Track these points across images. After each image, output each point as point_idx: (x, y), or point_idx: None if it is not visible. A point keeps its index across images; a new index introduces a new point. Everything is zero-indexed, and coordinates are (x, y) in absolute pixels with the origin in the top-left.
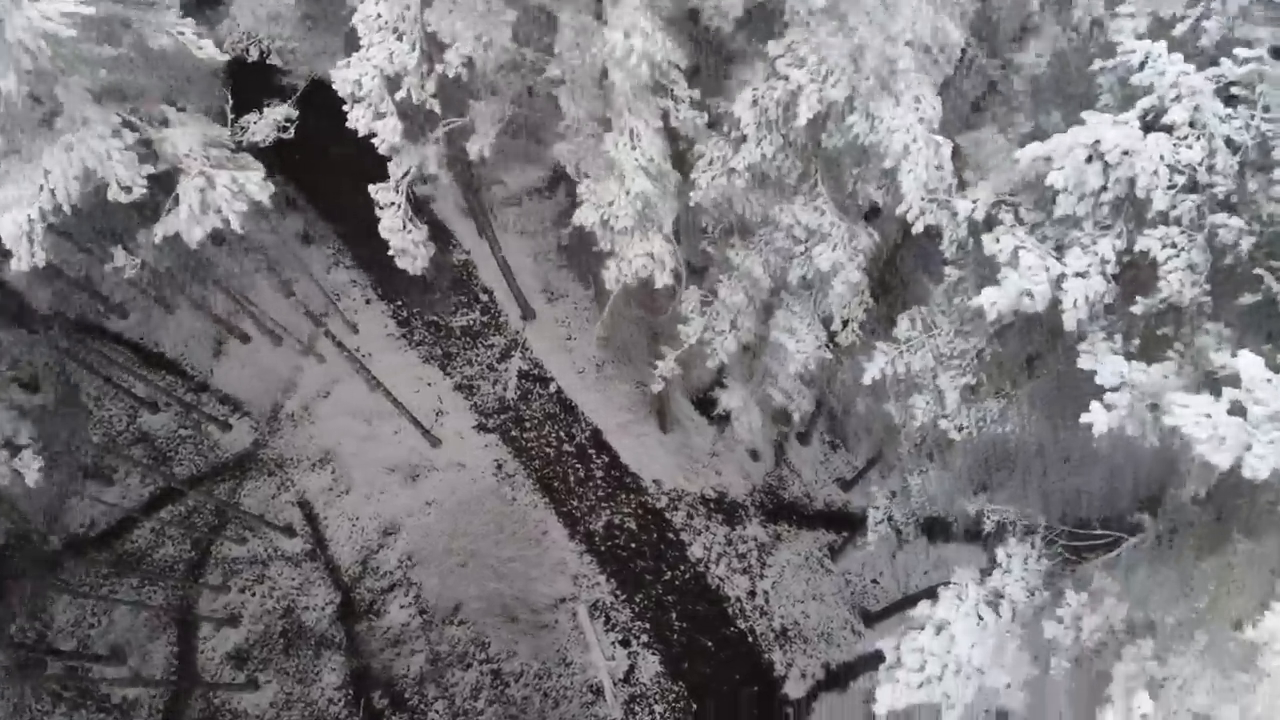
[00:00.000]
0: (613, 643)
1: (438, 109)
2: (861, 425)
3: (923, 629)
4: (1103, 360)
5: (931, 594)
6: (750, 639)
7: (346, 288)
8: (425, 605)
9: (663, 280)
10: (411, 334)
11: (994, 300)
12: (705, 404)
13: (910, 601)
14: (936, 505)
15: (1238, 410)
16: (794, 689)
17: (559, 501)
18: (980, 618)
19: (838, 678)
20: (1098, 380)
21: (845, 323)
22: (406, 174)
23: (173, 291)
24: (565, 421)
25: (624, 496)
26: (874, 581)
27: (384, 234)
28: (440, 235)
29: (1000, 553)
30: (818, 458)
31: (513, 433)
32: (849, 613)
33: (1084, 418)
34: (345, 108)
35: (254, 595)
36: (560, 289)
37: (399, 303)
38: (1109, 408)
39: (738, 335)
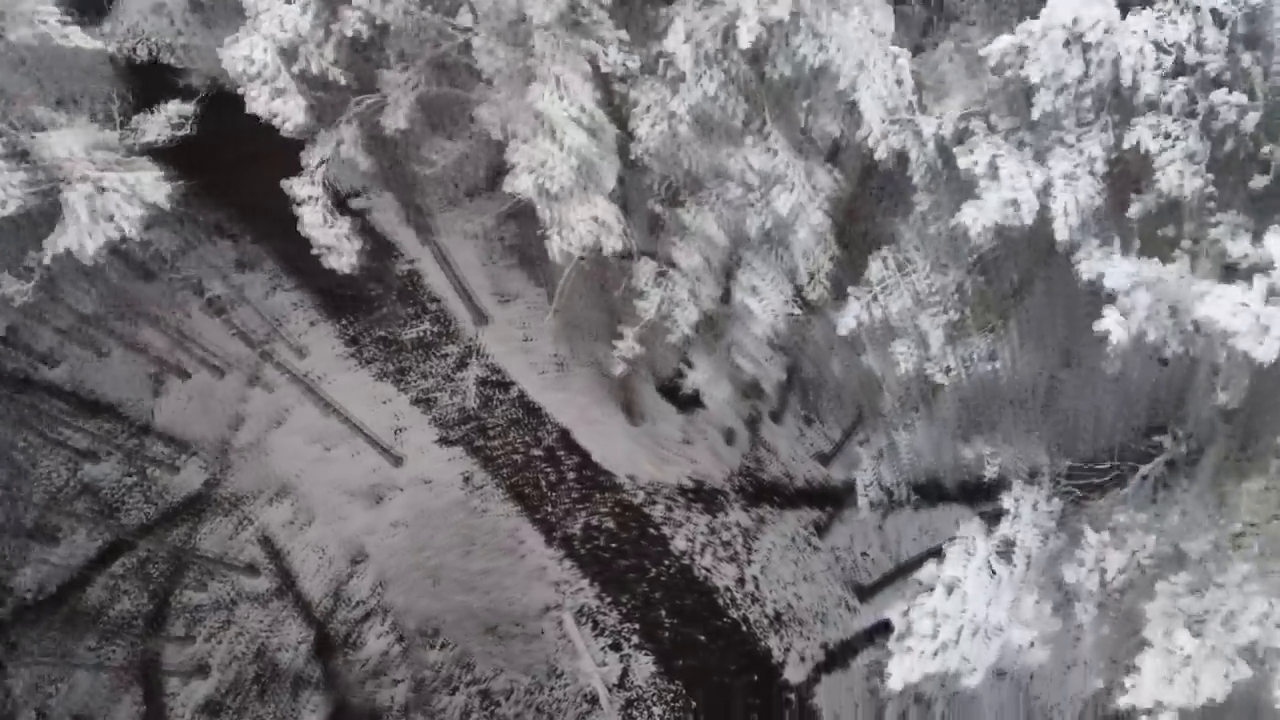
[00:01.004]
0: (603, 648)
1: (342, 79)
2: (836, 393)
3: (932, 591)
4: (1109, 264)
5: (931, 555)
6: (744, 628)
7: (289, 311)
8: (404, 631)
9: (610, 246)
10: (361, 352)
11: (976, 217)
12: (672, 393)
13: (903, 571)
14: (927, 460)
15: (1275, 298)
16: (794, 674)
17: (533, 508)
18: (993, 571)
19: (837, 657)
20: (1108, 285)
21: (812, 276)
22: (323, 162)
23: (103, 333)
24: (531, 425)
25: (599, 496)
26: (864, 554)
27: (306, 231)
28: (381, 247)
29: (1007, 499)
30: (793, 435)
31: (477, 443)
32: (842, 589)
33: (1099, 327)
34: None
35: (221, 642)
36: (512, 290)
37: (345, 321)
38: (1125, 313)
39: (698, 304)
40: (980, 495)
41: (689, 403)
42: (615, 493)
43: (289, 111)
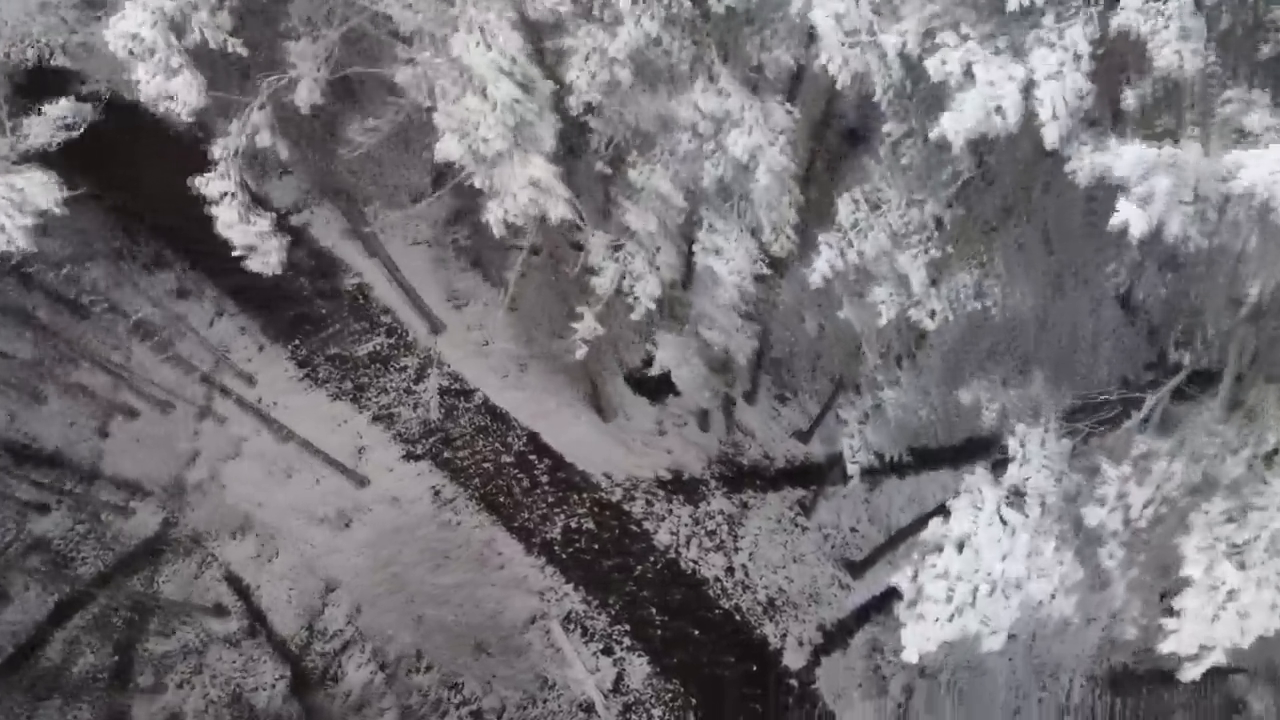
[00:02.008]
0: (594, 653)
1: (242, 50)
2: (811, 364)
3: (941, 551)
4: (1116, 154)
5: (929, 518)
6: (738, 617)
7: (235, 337)
8: (385, 658)
9: (555, 212)
10: (315, 373)
11: (956, 127)
12: (642, 384)
13: (895, 542)
14: (918, 416)
15: None
16: (793, 659)
17: (508, 517)
18: (1004, 522)
19: (835, 638)
20: (1118, 174)
21: (776, 229)
22: (236, 153)
23: (39, 378)
24: (498, 431)
25: (576, 497)
26: (853, 530)
27: (223, 231)
28: (326, 263)
29: (1011, 442)
30: (768, 414)
31: (444, 455)
32: (834, 568)
33: (1115, 220)
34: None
35: (194, 689)
36: (466, 293)
37: (295, 343)
38: (1143, 201)
39: (659, 275)
40: (971, 455)
41: (660, 390)
42: (592, 492)
43: (183, 92)
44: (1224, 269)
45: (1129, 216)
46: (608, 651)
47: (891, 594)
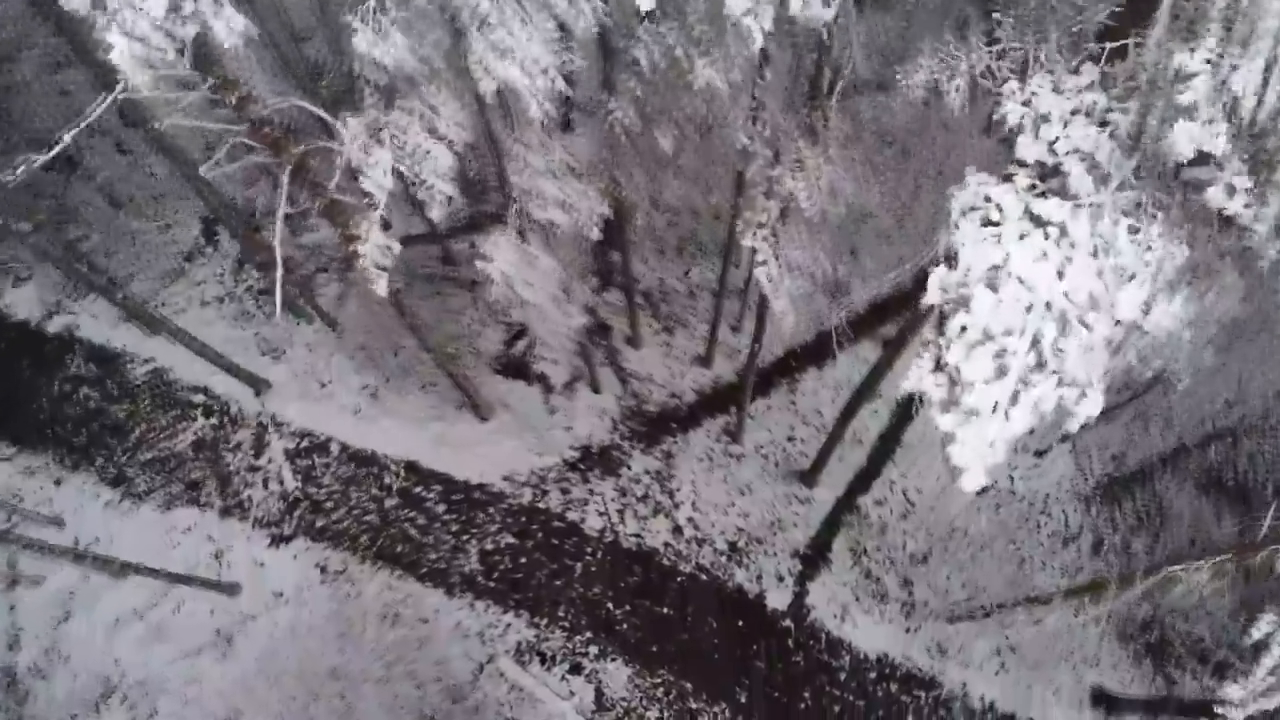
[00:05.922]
0: (561, 677)
1: None
2: (681, 269)
3: (966, 306)
4: None
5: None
6: (704, 576)
7: (22, 481)
8: None
9: (230, 38)
10: (133, 487)
11: None
12: (510, 367)
13: (839, 431)
14: (847, 187)
15: None
16: (778, 599)
17: (413, 565)
18: (1042, 222)
19: (813, 558)
20: None
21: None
22: None
23: None
24: (370, 475)
25: (483, 515)
26: (789, 439)
27: None
28: (106, 361)
29: (1009, 110)
30: (660, 353)
31: (318, 524)
32: (785, 485)
33: None
34: None
35: None
36: (282, 339)
37: (98, 463)
38: None
39: (447, 141)
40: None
41: (525, 362)
42: (498, 503)
43: None
44: None
45: None
46: (576, 669)
47: (856, 488)
